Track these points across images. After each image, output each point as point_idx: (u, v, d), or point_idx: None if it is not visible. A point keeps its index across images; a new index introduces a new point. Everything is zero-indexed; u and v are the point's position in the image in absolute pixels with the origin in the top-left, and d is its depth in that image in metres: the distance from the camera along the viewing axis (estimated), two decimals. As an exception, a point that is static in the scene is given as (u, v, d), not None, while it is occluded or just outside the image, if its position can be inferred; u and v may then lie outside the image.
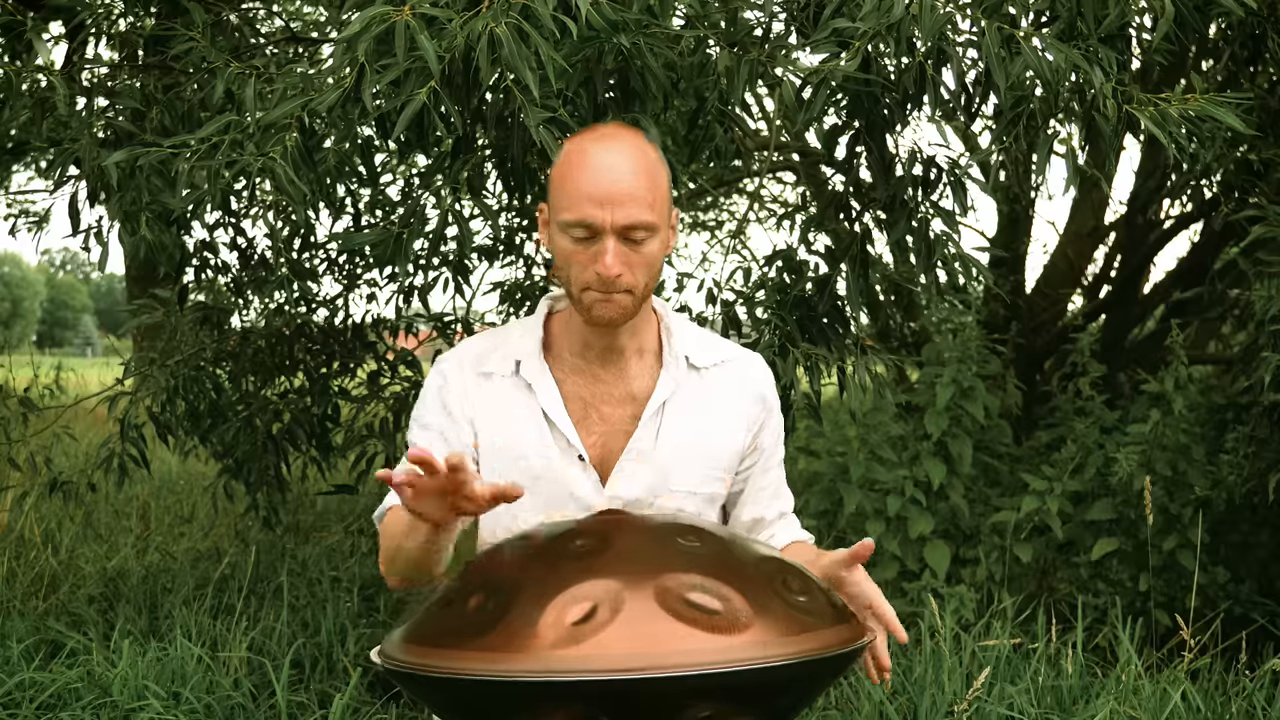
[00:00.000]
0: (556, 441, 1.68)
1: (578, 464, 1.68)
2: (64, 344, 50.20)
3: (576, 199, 1.57)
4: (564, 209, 1.59)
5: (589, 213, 1.56)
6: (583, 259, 1.59)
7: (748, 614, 1.27)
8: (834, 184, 4.51)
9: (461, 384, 1.72)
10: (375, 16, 2.02)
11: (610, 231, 1.57)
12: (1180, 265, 5.21)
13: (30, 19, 2.66)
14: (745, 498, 1.79)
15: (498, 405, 1.70)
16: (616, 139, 1.61)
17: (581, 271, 1.60)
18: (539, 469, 1.67)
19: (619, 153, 1.59)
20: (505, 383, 1.70)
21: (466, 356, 1.74)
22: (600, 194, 1.56)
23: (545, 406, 1.68)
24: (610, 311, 1.62)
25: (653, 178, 1.59)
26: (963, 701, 2.68)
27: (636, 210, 1.57)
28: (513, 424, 1.69)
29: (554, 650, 1.23)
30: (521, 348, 1.72)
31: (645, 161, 1.60)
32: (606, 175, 1.57)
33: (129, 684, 2.99)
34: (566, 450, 1.68)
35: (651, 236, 1.60)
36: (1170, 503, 3.80)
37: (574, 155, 1.61)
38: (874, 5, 2.20)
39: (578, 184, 1.58)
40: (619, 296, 1.60)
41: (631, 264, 1.59)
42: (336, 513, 5.50)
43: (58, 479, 3.59)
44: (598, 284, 1.59)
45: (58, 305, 62.92)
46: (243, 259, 3.64)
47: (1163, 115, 2.25)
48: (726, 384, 1.75)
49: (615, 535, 1.41)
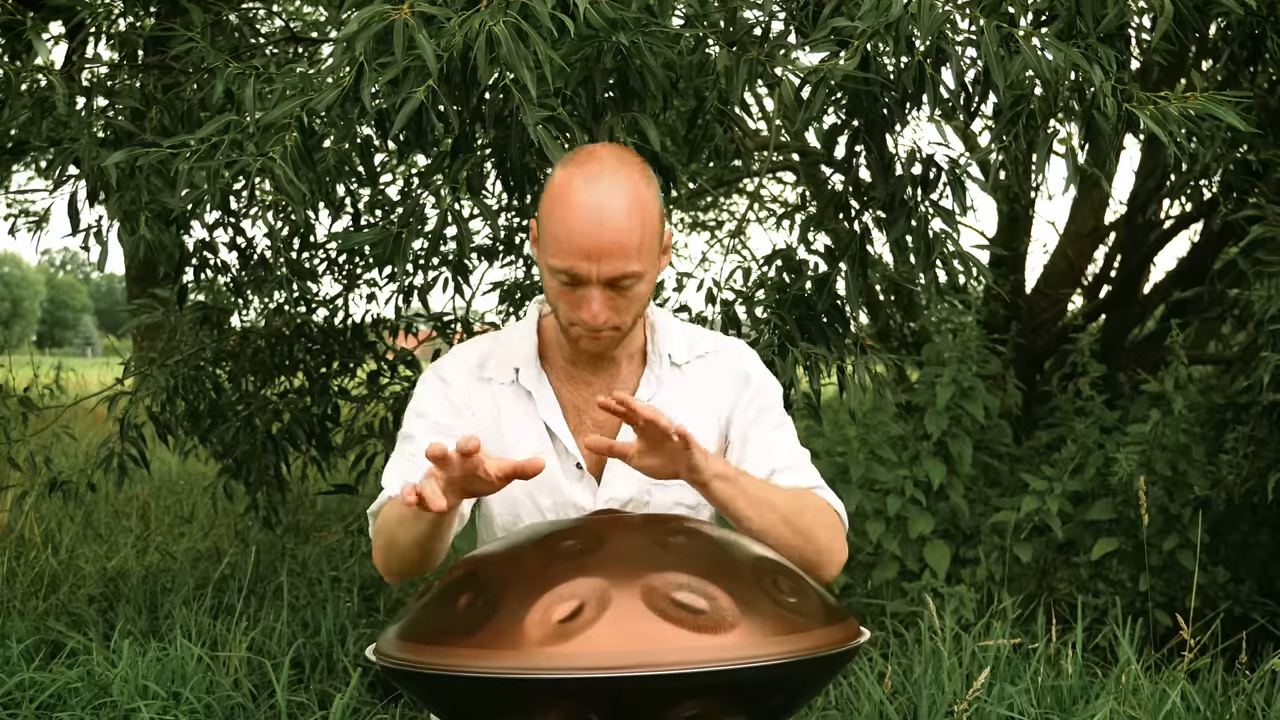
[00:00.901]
0: (555, 449, 1.68)
1: (575, 472, 1.68)
2: (64, 344, 50.19)
3: (564, 247, 1.55)
4: (551, 253, 1.57)
5: (575, 264, 1.55)
6: (569, 300, 1.59)
7: (734, 614, 1.27)
8: (833, 183, 4.51)
9: (464, 388, 1.72)
10: (374, 15, 2.02)
11: (596, 283, 1.56)
12: (1180, 265, 5.21)
13: (30, 19, 2.66)
14: (740, 459, 1.72)
15: (497, 411, 1.71)
16: (608, 177, 1.56)
17: (570, 310, 1.60)
18: (538, 476, 1.67)
19: (608, 195, 1.54)
20: (505, 390, 1.71)
21: (467, 361, 1.74)
22: (588, 246, 1.54)
23: (545, 416, 1.69)
24: (598, 347, 1.64)
25: (642, 220, 1.56)
26: (963, 701, 2.68)
27: (623, 263, 1.55)
28: (512, 431, 1.69)
29: (542, 648, 1.24)
30: (519, 354, 1.72)
31: (635, 203, 1.56)
32: (594, 225, 1.53)
33: (129, 684, 2.99)
34: (565, 458, 1.68)
35: (638, 281, 1.59)
36: (1170, 503, 3.80)
37: (563, 193, 1.56)
38: (873, 4, 2.20)
39: (567, 230, 1.54)
40: (605, 334, 1.62)
41: (618, 307, 1.59)
42: (336, 513, 5.50)
43: (58, 479, 3.59)
44: (585, 326, 1.60)
45: (58, 305, 62.92)
46: (242, 259, 3.64)
47: (1163, 114, 2.25)
48: (708, 374, 1.74)
49: (606, 534, 1.42)
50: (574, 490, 1.68)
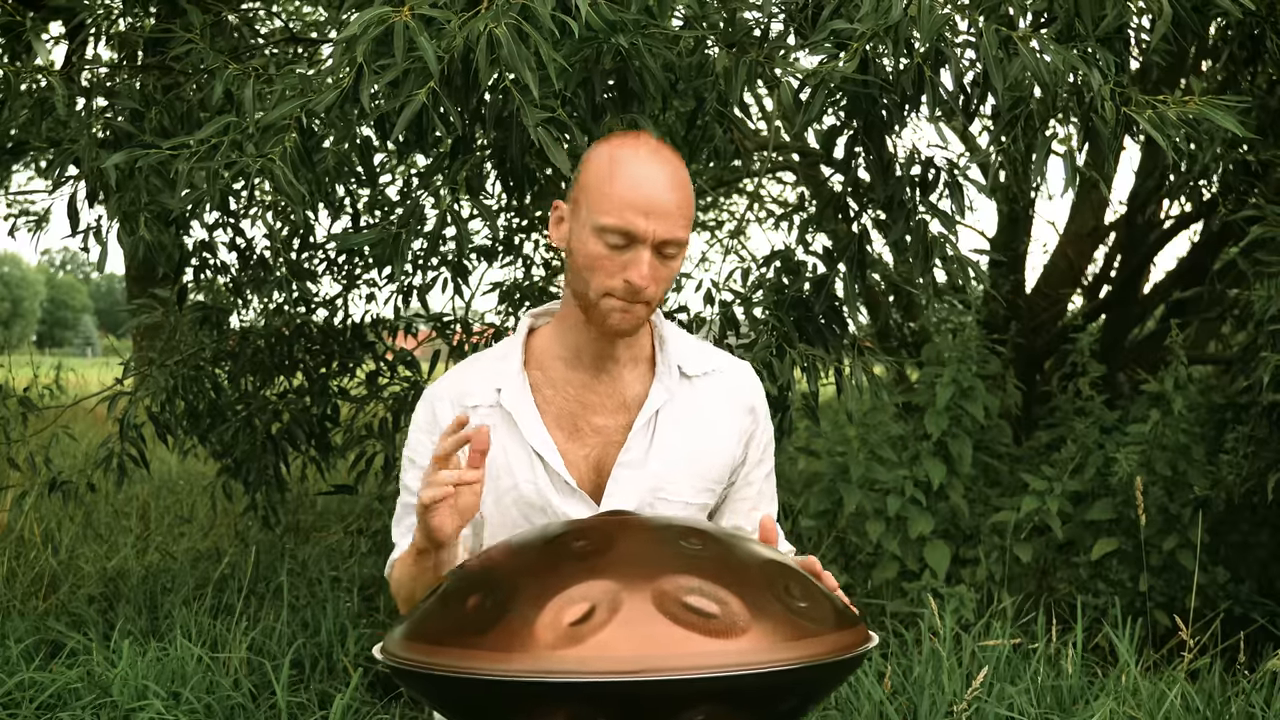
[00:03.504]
0: (547, 470, 1.67)
1: (566, 488, 1.67)
2: (64, 344, 50.19)
3: (619, 205, 1.56)
4: (604, 212, 1.57)
5: (632, 221, 1.55)
6: (611, 266, 1.58)
7: (745, 618, 1.27)
8: (832, 184, 4.51)
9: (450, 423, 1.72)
10: (374, 18, 2.02)
11: (649, 243, 1.56)
12: (1180, 265, 5.20)
13: (30, 19, 2.66)
14: (725, 507, 1.78)
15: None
16: (660, 152, 1.61)
17: (607, 278, 1.59)
18: (530, 496, 1.67)
19: (663, 166, 1.59)
20: (490, 414, 1.68)
21: (450, 392, 1.72)
22: (646, 204, 1.55)
23: (530, 438, 1.66)
24: (627, 322, 1.61)
25: (689, 196, 1.60)
26: (962, 701, 2.68)
27: (675, 225, 1.57)
28: (501, 456, 1.67)
29: (553, 650, 1.23)
30: (502, 372, 1.70)
31: (684, 179, 1.60)
32: (652, 186, 1.56)
33: (129, 684, 2.99)
34: (556, 477, 1.67)
35: (679, 253, 1.61)
36: (1170, 503, 3.80)
37: (618, 160, 1.59)
38: (872, 6, 2.20)
39: (622, 190, 1.56)
40: (638, 308, 1.60)
41: (659, 278, 1.59)
42: (336, 513, 5.50)
43: (57, 479, 3.59)
44: (622, 291, 1.58)
45: (58, 305, 62.92)
46: (242, 259, 3.64)
47: (1161, 118, 2.25)
48: (717, 393, 1.73)
49: (617, 536, 1.41)
50: (569, 508, 1.67)
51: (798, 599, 1.35)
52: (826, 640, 1.32)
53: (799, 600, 1.35)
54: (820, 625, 1.33)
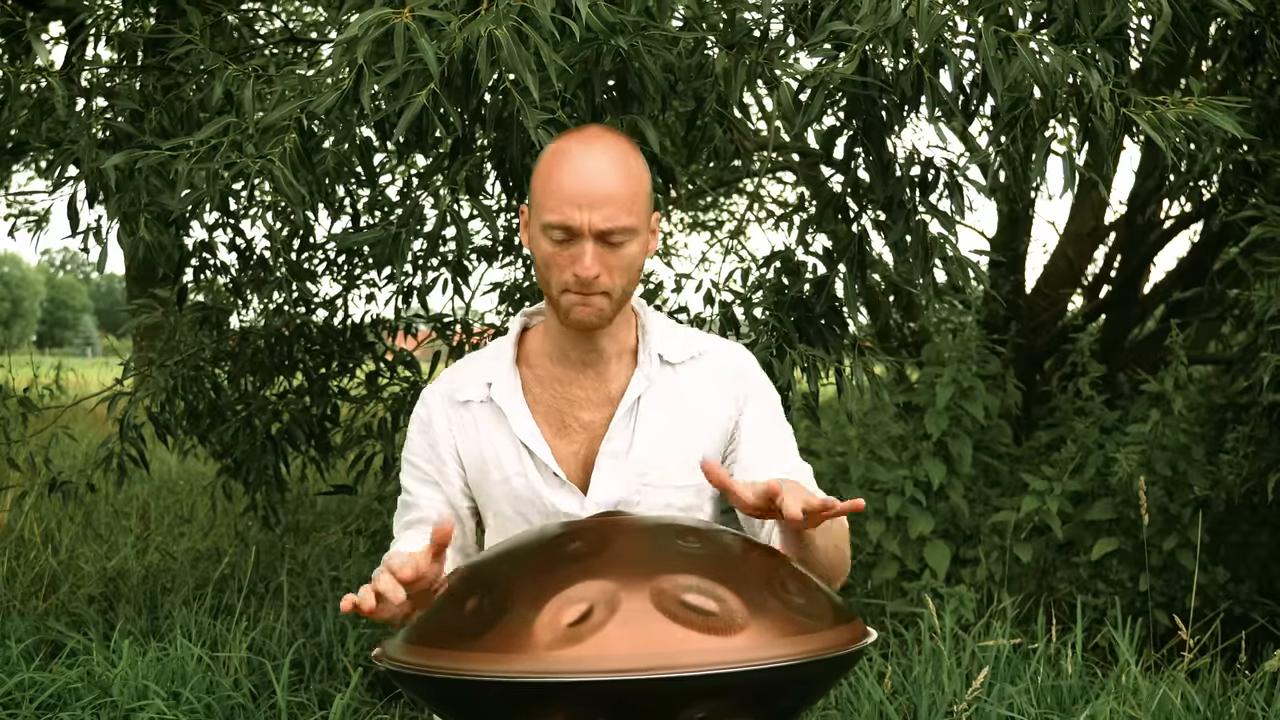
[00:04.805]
0: (535, 463, 1.69)
1: (555, 481, 1.68)
2: (64, 344, 50.17)
3: (556, 201, 1.58)
4: (544, 210, 1.59)
5: (569, 214, 1.57)
6: (561, 260, 1.60)
7: (744, 615, 1.27)
8: (832, 184, 4.51)
9: (444, 419, 1.74)
10: (374, 19, 2.02)
11: (589, 234, 1.57)
12: (1180, 265, 5.20)
13: (30, 19, 2.66)
14: (739, 471, 1.71)
15: (476, 432, 1.72)
16: (598, 140, 1.61)
17: (560, 273, 1.60)
18: (520, 489, 1.69)
19: (599, 154, 1.59)
20: (482, 409, 1.72)
21: (445, 388, 1.76)
22: (580, 196, 1.56)
23: (518, 431, 1.69)
24: (588, 314, 1.62)
25: (633, 180, 1.60)
26: (962, 701, 2.68)
27: (615, 213, 1.57)
28: (491, 450, 1.71)
29: (552, 651, 1.24)
30: (493, 368, 1.73)
31: (625, 163, 1.60)
32: (586, 176, 1.57)
33: (129, 684, 2.99)
34: (544, 470, 1.68)
35: (630, 239, 1.60)
36: (1170, 503, 3.80)
37: (555, 156, 1.61)
38: (871, 7, 2.20)
39: (559, 185, 1.58)
40: (596, 299, 1.61)
41: (610, 266, 1.60)
42: (336, 513, 5.50)
43: (57, 479, 3.59)
44: (575, 285, 1.60)
45: (58, 305, 62.90)
46: (242, 259, 3.64)
47: (1160, 118, 2.25)
48: (703, 375, 1.73)
49: (613, 536, 1.41)
50: (559, 500, 1.68)
51: (795, 595, 1.36)
52: (825, 636, 1.33)
53: (796, 596, 1.36)
54: (818, 621, 1.34)
